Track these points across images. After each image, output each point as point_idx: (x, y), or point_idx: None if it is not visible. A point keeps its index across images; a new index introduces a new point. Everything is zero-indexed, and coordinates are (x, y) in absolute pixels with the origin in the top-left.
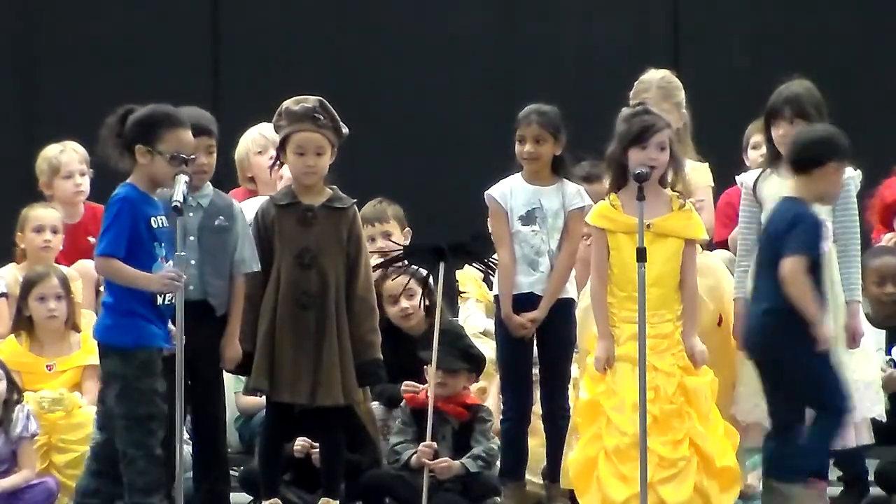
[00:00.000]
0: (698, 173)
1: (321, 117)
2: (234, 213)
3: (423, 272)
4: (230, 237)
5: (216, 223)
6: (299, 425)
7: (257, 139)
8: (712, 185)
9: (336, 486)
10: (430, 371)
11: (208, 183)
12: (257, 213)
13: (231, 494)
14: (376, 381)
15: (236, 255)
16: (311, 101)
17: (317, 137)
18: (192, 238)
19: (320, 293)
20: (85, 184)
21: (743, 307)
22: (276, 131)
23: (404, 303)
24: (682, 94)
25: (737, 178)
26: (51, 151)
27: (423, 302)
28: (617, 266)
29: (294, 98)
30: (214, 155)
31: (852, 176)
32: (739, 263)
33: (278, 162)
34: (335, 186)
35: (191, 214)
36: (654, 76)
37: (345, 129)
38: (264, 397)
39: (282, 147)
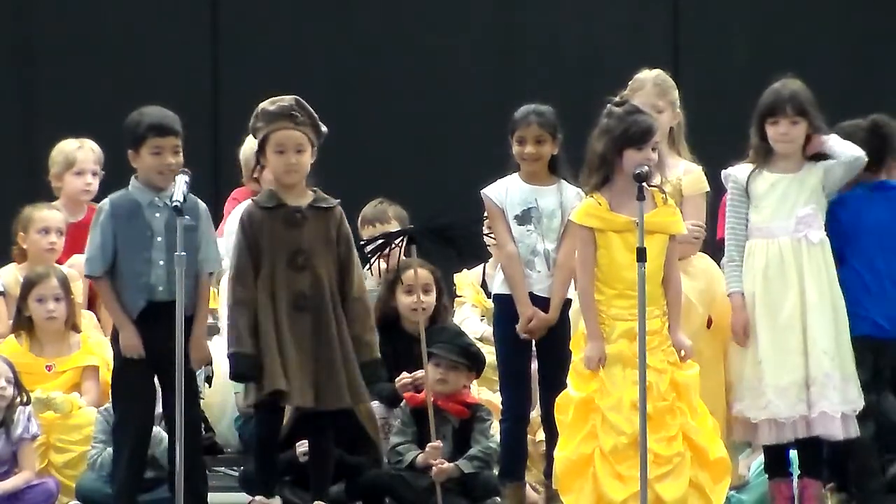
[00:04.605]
0: (692, 180)
1: (298, 115)
2: (200, 213)
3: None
4: (195, 236)
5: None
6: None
7: None
8: (707, 190)
9: (326, 488)
10: (426, 371)
11: (174, 182)
12: (242, 217)
13: (231, 494)
14: (376, 381)
15: (200, 254)
16: (287, 100)
17: (296, 135)
18: (159, 239)
19: (315, 294)
20: (95, 184)
21: (739, 301)
22: (254, 134)
23: (421, 296)
24: (676, 93)
25: (723, 172)
26: (68, 146)
27: (441, 300)
28: (606, 264)
29: (270, 99)
30: (181, 154)
31: None
32: (731, 258)
33: (259, 166)
34: (317, 189)
35: (157, 215)
36: (649, 75)
37: (323, 128)
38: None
39: (261, 149)
